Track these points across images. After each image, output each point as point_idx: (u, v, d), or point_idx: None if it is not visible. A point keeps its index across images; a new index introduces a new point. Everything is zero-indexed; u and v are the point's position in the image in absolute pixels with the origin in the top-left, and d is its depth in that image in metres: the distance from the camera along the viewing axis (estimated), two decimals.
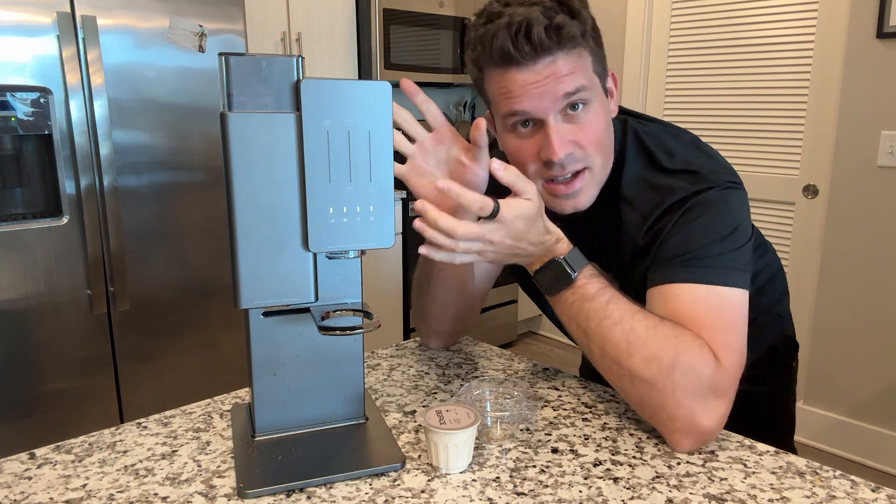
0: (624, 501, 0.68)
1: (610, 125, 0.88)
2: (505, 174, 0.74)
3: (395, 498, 0.68)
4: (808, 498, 0.69)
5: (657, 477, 0.72)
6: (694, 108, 2.77)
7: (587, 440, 0.80)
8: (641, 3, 2.89)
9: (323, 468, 0.72)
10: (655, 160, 0.89)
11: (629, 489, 0.70)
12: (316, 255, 0.71)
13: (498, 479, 0.72)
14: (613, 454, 0.77)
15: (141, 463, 0.75)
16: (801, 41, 2.42)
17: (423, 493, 0.69)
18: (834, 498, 0.69)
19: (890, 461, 2.35)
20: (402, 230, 2.87)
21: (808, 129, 2.44)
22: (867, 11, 2.21)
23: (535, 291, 1.04)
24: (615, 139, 0.91)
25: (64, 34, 1.74)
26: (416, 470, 0.73)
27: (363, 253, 0.74)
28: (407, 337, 2.99)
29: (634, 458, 0.76)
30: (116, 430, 0.83)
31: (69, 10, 1.76)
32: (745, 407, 0.81)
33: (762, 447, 0.79)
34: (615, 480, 0.72)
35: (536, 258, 0.81)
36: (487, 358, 1.07)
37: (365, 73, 2.92)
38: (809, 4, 2.38)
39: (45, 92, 1.75)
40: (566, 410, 0.88)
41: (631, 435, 0.81)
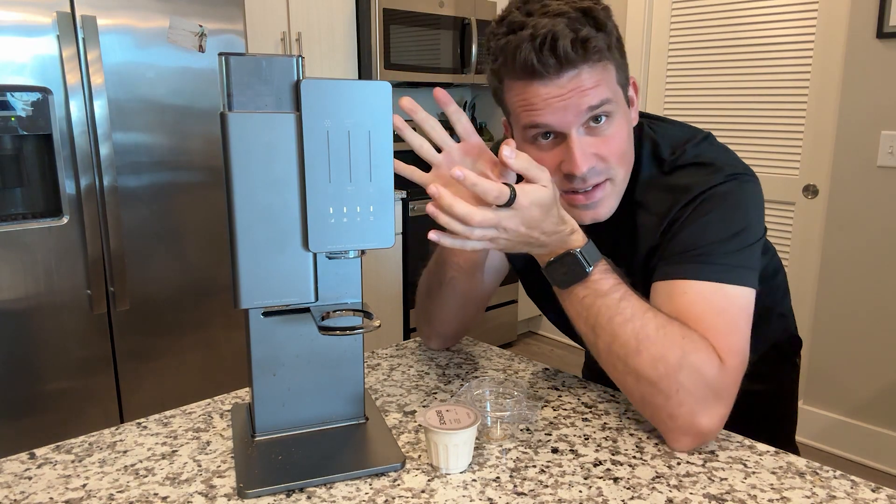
0: (624, 501, 0.68)
1: (631, 135, 0.86)
2: (516, 161, 0.71)
3: (395, 498, 0.68)
4: (808, 498, 0.69)
5: (657, 477, 0.72)
6: (694, 108, 2.77)
7: (587, 440, 0.80)
8: (641, 3, 2.89)
9: (323, 468, 0.72)
10: (668, 162, 0.88)
11: (629, 489, 0.70)
12: (316, 255, 0.71)
13: (498, 479, 0.72)
14: (613, 454, 0.77)
15: (141, 463, 0.75)
16: (801, 41, 2.42)
17: (423, 493, 0.69)
18: (834, 498, 0.69)
19: (890, 461, 2.35)
20: (402, 230, 2.88)
21: (808, 129, 2.44)
22: (867, 11, 2.21)
23: (537, 290, 1.04)
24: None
25: (64, 34, 1.74)
26: (416, 470, 0.73)
27: (363, 253, 0.74)
28: (407, 337, 2.99)
29: (634, 458, 0.76)
30: (116, 430, 0.83)
31: (69, 10, 1.76)
32: (748, 405, 0.81)
33: (762, 447, 0.79)
34: (615, 480, 0.72)
35: (550, 249, 0.79)
36: (487, 358, 1.07)
37: (365, 73, 2.92)
38: (809, 4, 2.38)
39: (45, 92, 1.75)
40: (566, 410, 0.88)
41: (631, 435, 0.81)
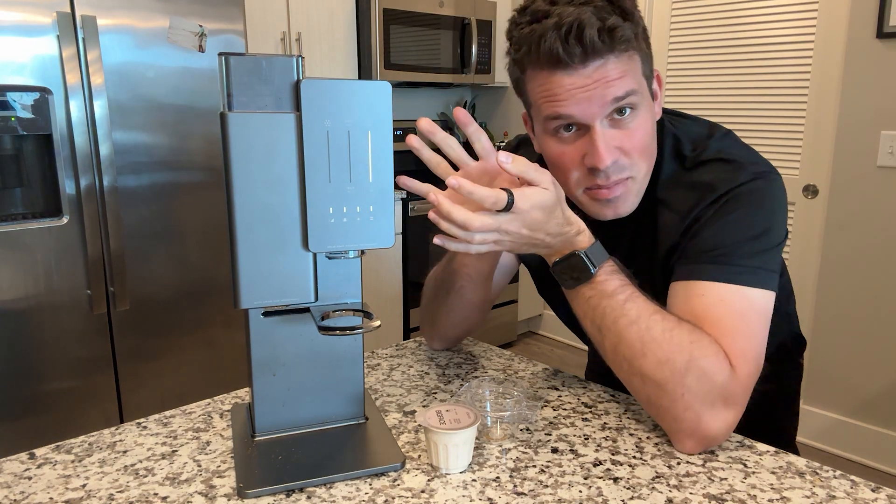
0: (624, 501, 0.68)
1: (654, 129, 0.85)
2: (513, 166, 0.71)
3: (395, 498, 0.68)
4: (808, 498, 0.69)
5: (657, 477, 0.72)
6: (694, 108, 2.77)
7: (587, 440, 0.80)
8: (641, 3, 2.89)
9: (323, 468, 0.72)
10: (690, 158, 0.87)
11: (629, 489, 0.70)
12: (316, 255, 0.71)
13: (498, 479, 0.72)
14: (613, 454, 0.77)
15: (141, 463, 0.75)
16: (801, 41, 2.42)
17: (423, 493, 0.69)
18: (834, 498, 0.69)
19: (890, 461, 2.35)
20: (402, 230, 2.88)
21: (808, 129, 2.44)
22: (867, 11, 2.21)
23: (549, 289, 1.04)
24: None
25: (64, 34, 1.74)
26: (416, 470, 0.73)
27: (363, 253, 0.74)
28: (407, 337, 2.99)
29: (634, 458, 0.76)
30: (116, 430, 0.83)
31: (69, 10, 1.76)
32: (754, 405, 0.80)
33: (762, 447, 0.79)
34: (615, 480, 0.72)
35: (556, 250, 0.79)
36: (487, 358, 1.07)
37: (365, 73, 2.92)
38: (809, 4, 2.38)
39: (45, 92, 1.75)
40: (566, 410, 0.88)
41: (631, 435, 0.81)
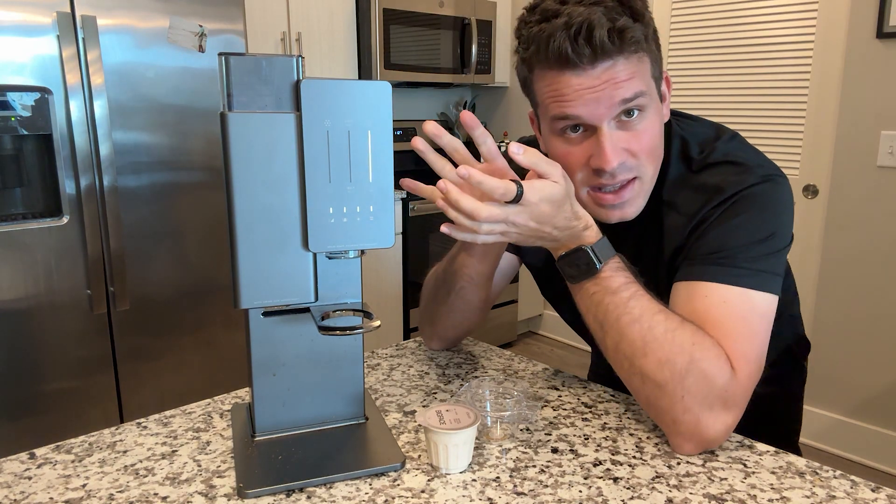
0: (624, 501, 0.68)
1: (662, 131, 0.84)
2: (525, 157, 0.71)
3: (395, 498, 0.68)
4: (808, 498, 0.69)
5: (657, 477, 0.72)
6: (694, 108, 2.77)
7: (587, 440, 0.80)
8: None
9: (323, 468, 0.72)
10: (697, 160, 0.86)
11: (629, 489, 0.70)
12: (316, 255, 0.71)
13: (498, 479, 0.72)
14: (613, 454, 0.77)
15: (141, 463, 0.75)
16: (801, 41, 2.42)
17: (423, 493, 0.69)
18: (834, 498, 0.69)
19: (890, 461, 2.35)
20: (402, 230, 2.88)
21: (808, 129, 2.44)
22: (867, 11, 2.21)
23: (553, 289, 1.03)
24: None
25: (64, 34, 1.74)
26: (416, 470, 0.73)
27: (363, 253, 0.74)
28: (407, 337, 2.99)
29: (634, 458, 0.76)
30: (116, 430, 0.83)
31: (69, 10, 1.76)
32: (757, 407, 0.80)
33: (762, 447, 0.79)
34: (615, 480, 0.72)
35: (562, 244, 0.79)
36: (487, 358, 1.07)
37: (365, 73, 2.92)
38: (809, 4, 2.38)
39: (45, 92, 1.75)
40: (566, 410, 0.88)
41: (631, 435, 0.81)
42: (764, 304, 0.78)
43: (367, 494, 0.69)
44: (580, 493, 0.69)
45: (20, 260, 1.77)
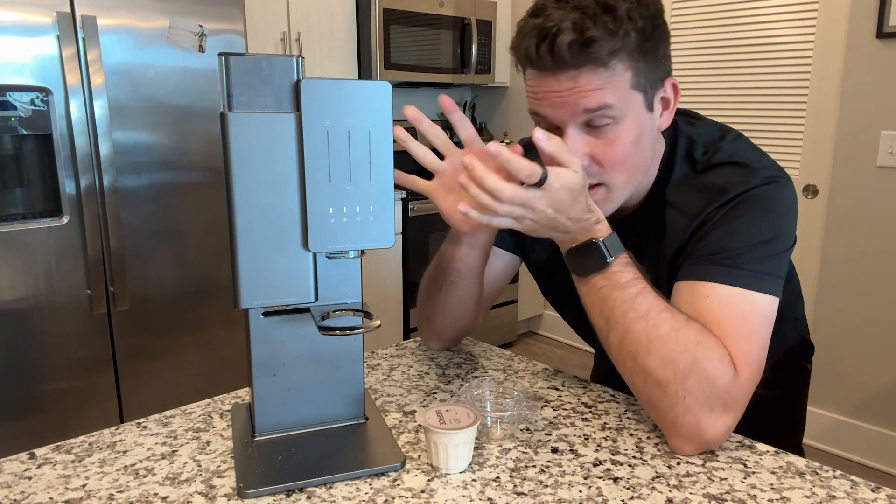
0: (624, 501, 0.68)
1: (644, 141, 0.81)
2: (549, 144, 0.70)
3: (395, 498, 0.68)
4: (808, 498, 0.69)
5: (657, 477, 0.72)
6: (693, 108, 2.77)
7: (587, 440, 0.80)
8: None
9: (323, 468, 0.72)
10: (701, 161, 0.86)
11: (629, 489, 0.70)
12: (316, 255, 0.71)
13: (498, 479, 0.72)
14: (613, 454, 0.77)
15: (141, 463, 0.75)
16: (801, 41, 2.42)
17: (423, 493, 0.69)
18: (834, 498, 0.69)
19: (890, 461, 2.35)
20: (402, 230, 2.88)
21: (808, 129, 2.44)
22: (867, 11, 2.21)
23: (555, 289, 1.03)
24: (665, 141, 0.88)
25: (64, 34, 1.74)
26: (416, 470, 0.73)
27: (363, 253, 0.74)
28: (407, 337, 2.99)
29: (634, 458, 0.76)
30: (116, 430, 0.83)
31: (69, 10, 1.76)
32: (756, 410, 0.80)
33: (762, 447, 0.79)
34: (615, 480, 0.72)
35: (573, 236, 0.79)
36: (487, 358, 1.07)
37: (365, 73, 2.92)
38: (809, 4, 2.38)
39: (45, 92, 1.75)
40: (566, 410, 0.88)
41: (631, 435, 0.81)
42: (765, 305, 0.78)
43: (367, 494, 0.69)
44: (580, 493, 0.69)
45: (20, 260, 1.77)
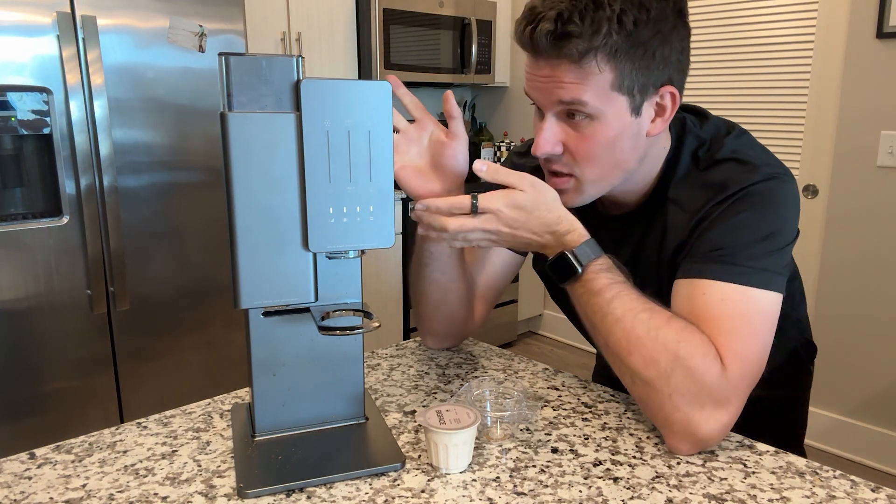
0: (624, 501, 0.68)
1: (623, 143, 0.80)
2: (487, 173, 0.77)
3: (395, 498, 0.68)
4: (808, 498, 0.69)
5: (657, 477, 0.72)
6: None
7: (587, 440, 0.80)
8: None
9: (323, 468, 0.72)
10: (704, 158, 0.86)
11: (629, 489, 0.70)
12: (316, 255, 0.71)
13: (498, 479, 0.72)
14: (613, 454, 0.77)
15: (141, 463, 0.75)
16: (801, 41, 2.42)
17: (423, 493, 0.69)
18: (834, 498, 0.69)
19: (890, 461, 2.35)
20: (402, 230, 2.88)
21: (808, 129, 2.44)
22: (867, 11, 2.21)
23: (556, 288, 1.04)
24: (672, 139, 0.88)
25: (64, 34, 1.74)
26: (416, 470, 0.73)
27: (363, 253, 0.74)
28: (407, 337, 2.99)
29: (634, 458, 0.76)
30: (116, 430, 0.83)
31: (69, 10, 1.76)
32: (758, 411, 0.80)
33: (762, 447, 0.79)
34: (615, 480, 0.72)
35: (550, 248, 0.81)
36: (487, 358, 1.07)
37: (365, 73, 2.92)
38: (809, 4, 2.38)
39: (45, 92, 1.75)
40: (566, 410, 0.88)
41: (631, 435, 0.81)
42: (765, 301, 0.77)
43: (367, 494, 0.69)
44: (580, 493, 0.69)
45: (20, 260, 1.77)
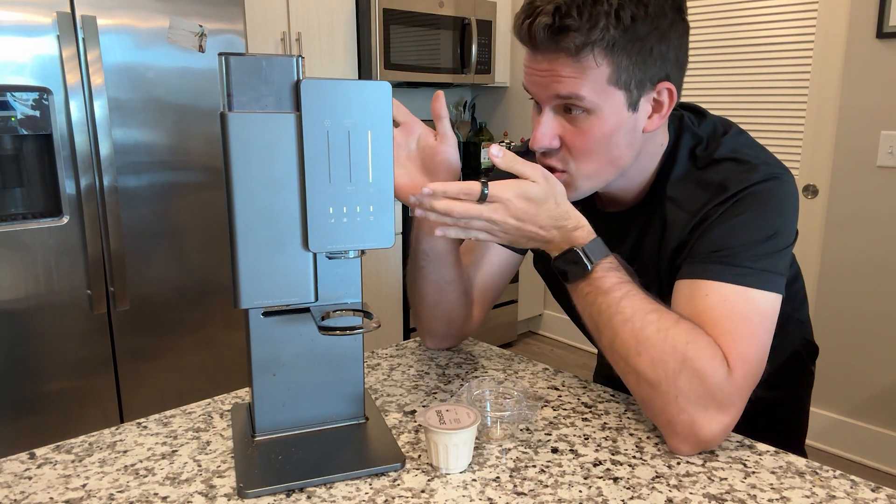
0: (624, 501, 0.68)
1: (620, 138, 0.81)
2: (502, 160, 0.75)
3: (395, 498, 0.68)
4: (807, 498, 0.69)
5: (657, 477, 0.72)
6: None
7: (587, 440, 0.80)
8: None
9: (323, 468, 0.72)
10: (702, 157, 0.86)
11: (629, 489, 0.70)
12: (316, 255, 0.71)
13: (498, 479, 0.72)
14: (613, 454, 0.77)
15: (141, 463, 0.75)
16: (801, 41, 2.42)
17: (423, 493, 0.69)
18: (834, 498, 0.69)
19: (890, 461, 2.35)
20: (402, 230, 2.88)
21: (808, 129, 2.44)
22: (867, 11, 2.21)
23: (558, 289, 1.03)
24: (669, 136, 0.88)
25: (64, 34, 1.74)
26: (416, 470, 0.73)
27: (363, 253, 0.74)
28: (407, 337, 2.99)
29: (634, 458, 0.76)
30: (116, 430, 0.83)
31: (69, 10, 1.76)
32: (759, 412, 0.80)
33: (762, 447, 0.79)
34: (615, 480, 0.72)
35: (555, 245, 0.79)
36: (487, 358, 1.07)
37: (365, 73, 2.92)
38: (809, 4, 2.38)
39: (45, 92, 1.75)
40: (566, 410, 0.88)
41: (631, 435, 0.81)
42: (766, 302, 0.77)
43: (367, 494, 0.69)
44: (580, 493, 0.69)
45: (20, 260, 1.77)
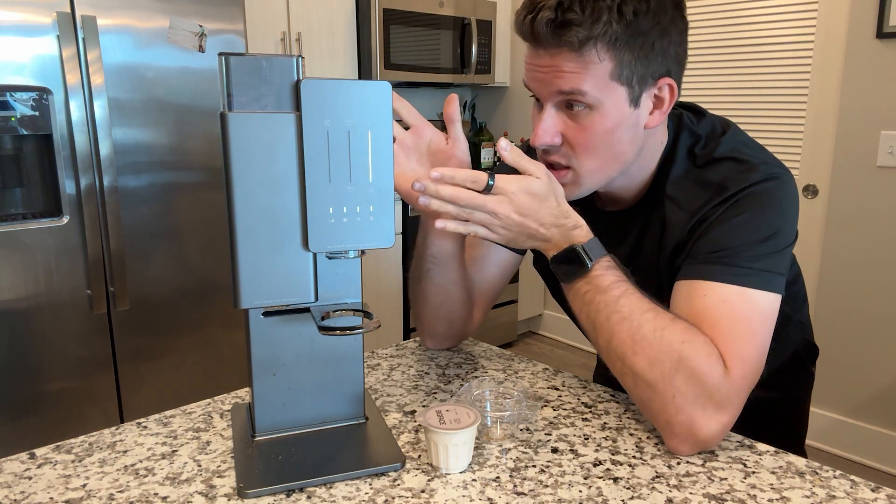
0: (624, 501, 0.68)
1: (622, 134, 0.81)
2: (510, 154, 0.75)
3: (395, 498, 0.68)
4: (807, 498, 0.69)
5: (657, 477, 0.72)
6: None
7: (587, 440, 0.80)
8: None
9: (323, 468, 0.72)
10: (701, 156, 0.86)
11: (629, 489, 0.70)
12: (316, 255, 0.71)
13: (498, 479, 0.72)
14: (613, 454, 0.77)
15: (141, 463, 0.75)
16: (801, 41, 2.42)
17: (423, 493, 0.69)
18: (834, 498, 0.69)
19: (890, 461, 2.35)
20: (402, 230, 2.88)
21: (808, 129, 2.44)
22: (867, 11, 2.21)
23: (558, 288, 1.04)
24: (668, 135, 0.88)
25: (64, 34, 1.74)
26: (416, 470, 0.73)
27: (363, 253, 0.74)
28: (407, 337, 2.99)
29: (634, 457, 0.76)
30: (116, 430, 0.83)
31: (69, 10, 1.76)
32: (759, 412, 0.80)
33: (762, 447, 0.79)
34: (615, 480, 0.72)
35: (554, 243, 0.80)
36: (487, 358, 1.07)
37: (365, 73, 2.92)
38: (809, 4, 2.38)
39: (45, 92, 1.75)
40: (566, 410, 0.88)
41: (631, 435, 0.81)
42: (765, 303, 0.77)
43: (367, 494, 0.69)
44: (580, 493, 0.69)
45: (20, 260, 1.77)
